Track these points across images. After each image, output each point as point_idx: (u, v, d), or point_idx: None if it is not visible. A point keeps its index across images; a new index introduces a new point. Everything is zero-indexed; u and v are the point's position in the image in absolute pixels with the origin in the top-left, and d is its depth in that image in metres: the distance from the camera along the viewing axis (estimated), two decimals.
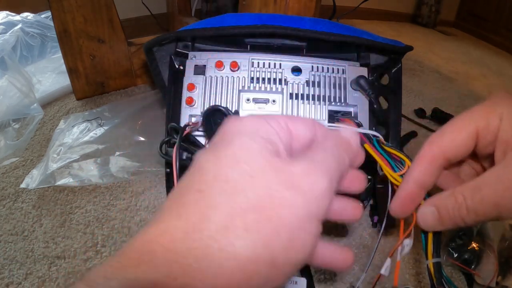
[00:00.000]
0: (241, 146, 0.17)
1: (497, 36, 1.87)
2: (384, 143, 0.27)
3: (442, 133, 0.21)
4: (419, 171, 0.22)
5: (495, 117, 0.20)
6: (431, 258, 0.23)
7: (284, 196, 0.16)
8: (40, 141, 0.63)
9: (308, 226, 0.16)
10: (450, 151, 0.21)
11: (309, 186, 0.17)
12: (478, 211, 0.19)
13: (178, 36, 0.42)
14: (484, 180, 0.19)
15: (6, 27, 0.77)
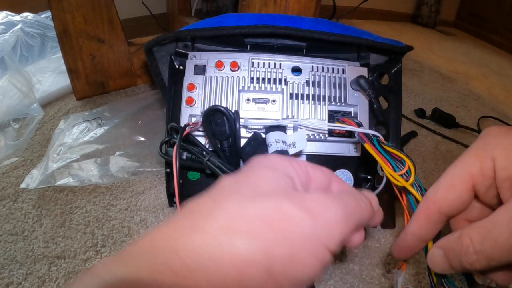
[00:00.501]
0: (261, 174, 0.19)
1: (497, 36, 1.87)
2: (384, 143, 0.27)
3: (436, 188, 0.21)
4: (416, 226, 0.22)
5: (487, 160, 0.19)
6: None
7: (293, 214, 0.17)
8: (40, 141, 0.63)
9: (314, 249, 0.16)
10: (445, 206, 0.21)
11: (321, 212, 0.17)
12: (491, 257, 0.18)
13: (178, 36, 0.42)
14: (495, 220, 0.18)
15: (6, 27, 0.77)
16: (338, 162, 0.42)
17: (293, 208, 0.17)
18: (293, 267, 0.16)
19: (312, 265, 0.16)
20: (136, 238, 0.45)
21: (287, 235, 0.16)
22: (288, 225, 0.16)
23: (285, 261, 0.16)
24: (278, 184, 0.18)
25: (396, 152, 0.25)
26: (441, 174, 0.21)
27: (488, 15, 1.96)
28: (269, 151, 0.34)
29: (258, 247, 0.15)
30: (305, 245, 0.16)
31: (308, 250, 0.16)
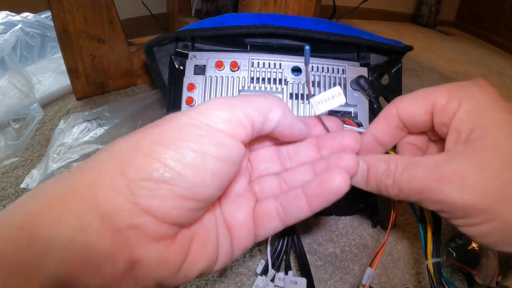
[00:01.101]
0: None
1: (497, 36, 1.87)
2: None
3: (404, 97, 0.21)
4: (376, 125, 0.22)
5: (454, 101, 0.18)
6: (431, 258, 0.23)
7: (171, 116, 0.17)
8: (40, 141, 0.63)
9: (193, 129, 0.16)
10: (404, 114, 0.21)
11: (199, 106, 0.17)
12: (402, 189, 0.19)
13: (178, 36, 0.42)
14: (422, 161, 0.18)
15: (6, 27, 0.77)
16: None
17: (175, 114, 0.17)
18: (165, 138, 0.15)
19: (191, 139, 0.15)
20: None
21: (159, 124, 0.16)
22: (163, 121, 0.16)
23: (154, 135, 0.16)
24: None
25: (392, 152, 0.25)
26: None
27: (488, 15, 1.96)
28: None
29: (131, 137, 0.16)
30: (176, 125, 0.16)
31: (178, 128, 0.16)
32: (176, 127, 0.16)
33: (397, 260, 0.46)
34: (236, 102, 0.17)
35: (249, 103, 0.17)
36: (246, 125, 0.17)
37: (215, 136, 0.16)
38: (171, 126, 0.16)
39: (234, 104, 0.17)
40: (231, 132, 0.16)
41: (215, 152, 0.16)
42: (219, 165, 0.16)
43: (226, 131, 0.16)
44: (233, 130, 0.16)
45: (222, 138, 0.16)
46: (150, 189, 0.15)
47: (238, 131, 0.16)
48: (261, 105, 0.18)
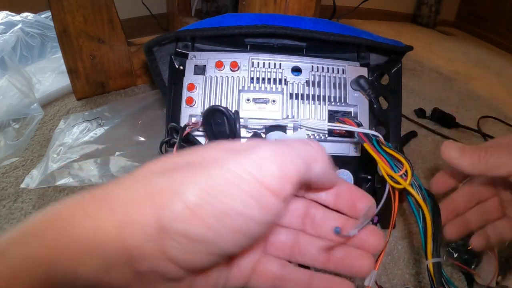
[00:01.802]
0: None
1: (497, 36, 1.87)
2: (384, 143, 0.27)
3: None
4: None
5: None
6: (431, 258, 0.23)
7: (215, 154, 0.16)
8: (40, 141, 0.63)
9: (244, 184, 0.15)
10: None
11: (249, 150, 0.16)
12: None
13: (178, 36, 0.42)
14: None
15: (6, 27, 0.77)
16: (338, 162, 0.42)
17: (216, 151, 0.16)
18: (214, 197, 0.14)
19: (239, 197, 0.14)
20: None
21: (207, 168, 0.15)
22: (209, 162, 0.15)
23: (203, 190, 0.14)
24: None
25: (394, 153, 0.25)
26: None
27: (488, 15, 1.96)
28: None
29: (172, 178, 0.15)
30: (228, 176, 0.14)
31: (231, 180, 0.14)
32: (225, 176, 0.14)
33: (397, 260, 0.46)
34: (286, 151, 0.16)
35: (296, 152, 0.16)
36: (294, 181, 0.15)
37: (264, 198, 0.15)
38: (221, 175, 0.14)
39: (284, 153, 0.16)
40: (280, 191, 0.15)
41: (259, 218, 0.15)
42: (258, 228, 0.15)
43: (275, 190, 0.15)
44: (281, 189, 0.15)
45: (269, 200, 0.15)
46: (184, 244, 0.14)
47: (286, 189, 0.15)
48: (307, 155, 0.17)
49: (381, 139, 0.27)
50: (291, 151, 0.16)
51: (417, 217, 0.24)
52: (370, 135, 0.28)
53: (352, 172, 0.43)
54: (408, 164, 0.24)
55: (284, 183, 0.15)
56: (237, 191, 0.14)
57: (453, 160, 0.25)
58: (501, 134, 0.82)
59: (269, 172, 0.15)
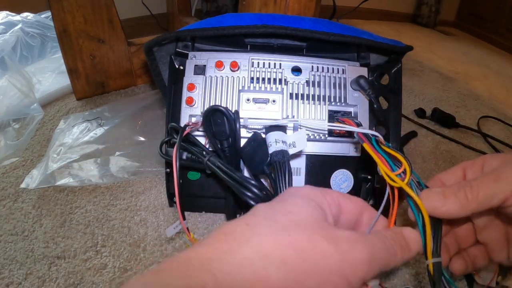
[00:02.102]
0: (294, 203, 0.20)
1: (497, 36, 1.87)
2: (383, 143, 0.27)
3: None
4: None
5: None
6: (431, 258, 0.23)
7: (324, 247, 0.17)
8: (40, 141, 0.63)
9: (338, 283, 0.17)
10: None
11: (349, 249, 0.18)
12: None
13: (178, 36, 0.42)
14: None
15: (6, 27, 0.77)
16: (338, 162, 0.42)
17: (325, 242, 0.18)
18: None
19: None
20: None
21: (317, 267, 0.17)
22: (318, 258, 0.17)
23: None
24: (311, 215, 0.19)
25: (393, 152, 0.25)
26: None
27: (488, 15, 1.96)
28: (269, 151, 0.34)
29: (290, 276, 0.16)
30: (331, 278, 0.17)
31: (333, 283, 0.17)
32: (331, 281, 0.17)
33: None
34: (376, 262, 0.19)
35: (380, 261, 0.19)
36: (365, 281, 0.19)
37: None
38: (328, 280, 0.17)
39: (373, 266, 0.18)
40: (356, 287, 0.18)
41: None
42: None
43: (354, 287, 0.18)
44: (356, 286, 0.18)
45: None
46: None
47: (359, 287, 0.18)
48: (386, 265, 0.20)
49: (380, 139, 0.27)
50: (378, 262, 0.19)
51: (416, 216, 0.24)
52: (369, 135, 0.28)
53: (352, 172, 0.43)
54: (407, 163, 0.24)
55: (361, 284, 0.18)
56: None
57: (438, 210, 0.22)
58: (501, 134, 0.82)
59: (358, 279, 0.18)
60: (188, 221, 0.48)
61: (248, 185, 0.30)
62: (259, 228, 0.18)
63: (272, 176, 0.33)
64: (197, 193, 0.45)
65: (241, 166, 0.39)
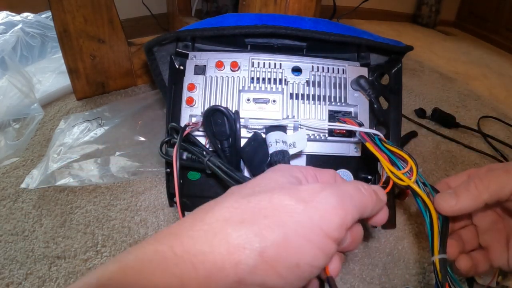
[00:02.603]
0: (265, 175, 0.21)
1: (498, 36, 1.87)
2: (386, 141, 0.27)
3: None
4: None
5: None
6: (437, 254, 0.23)
7: (286, 203, 0.17)
8: (41, 141, 0.63)
9: (309, 234, 0.17)
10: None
11: (314, 199, 0.18)
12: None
13: (178, 36, 0.42)
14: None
15: (6, 27, 0.77)
16: (338, 162, 0.42)
17: (286, 198, 0.18)
18: (288, 251, 0.16)
19: (309, 250, 0.17)
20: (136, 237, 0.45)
21: (279, 221, 0.17)
22: (280, 213, 0.17)
23: (279, 245, 0.16)
24: (278, 182, 0.20)
25: (397, 150, 0.25)
26: (441, 174, 0.23)
27: (488, 15, 1.96)
28: (269, 151, 0.34)
29: (250, 233, 0.16)
30: (299, 230, 0.17)
31: (302, 235, 0.17)
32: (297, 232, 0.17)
33: (397, 260, 0.46)
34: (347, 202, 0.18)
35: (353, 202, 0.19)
36: (348, 227, 0.18)
37: (328, 247, 0.17)
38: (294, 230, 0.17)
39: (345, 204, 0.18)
40: (339, 238, 0.18)
41: (323, 264, 0.17)
42: (317, 272, 0.18)
43: (336, 238, 0.18)
44: (340, 236, 0.18)
45: (331, 247, 0.17)
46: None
47: (342, 235, 0.18)
48: (361, 204, 0.20)
49: (382, 137, 0.27)
50: (350, 202, 0.19)
51: (424, 214, 0.24)
52: (371, 134, 0.28)
53: (352, 172, 0.43)
54: (413, 161, 0.24)
55: (343, 231, 0.18)
56: (308, 245, 0.17)
57: (454, 208, 0.23)
58: (501, 134, 0.82)
59: (333, 224, 0.17)
60: None
61: None
62: (222, 200, 0.19)
63: None
64: (197, 193, 0.45)
65: (242, 166, 0.39)
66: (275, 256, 0.16)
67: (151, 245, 0.17)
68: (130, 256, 0.16)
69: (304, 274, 0.17)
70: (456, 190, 0.24)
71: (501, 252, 0.27)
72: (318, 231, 0.17)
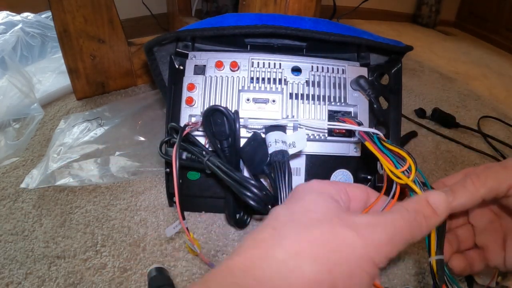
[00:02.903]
0: (310, 200, 0.21)
1: (498, 36, 1.87)
2: (385, 140, 0.27)
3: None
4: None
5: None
6: (434, 255, 0.23)
7: (346, 236, 0.19)
8: (40, 141, 0.63)
9: (366, 266, 0.18)
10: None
11: (369, 233, 0.19)
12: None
13: (178, 36, 0.42)
14: None
15: (7, 27, 0.77)
16: (338, 162, 0.42)
17: (346, 231, 0.19)
18: (351, 282, 0.18)
19: (365, 279, 0.18)
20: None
21: (344, 255, 0.18)
22: (344, 247, 0.18)
23: (345, 278, 0.18)
24: (327, 208, 0.21)
25: (397, 149, 0.25)
26: (441, 174, 0.23)
27: (488, 15, 1.96)
28: (269, 151, 0.34)
29: (322, 268, 0.17)
30: (359, 263, 0.18)
31: (361, 267, 0.18)
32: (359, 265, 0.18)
33: (397, 260, 0.46)
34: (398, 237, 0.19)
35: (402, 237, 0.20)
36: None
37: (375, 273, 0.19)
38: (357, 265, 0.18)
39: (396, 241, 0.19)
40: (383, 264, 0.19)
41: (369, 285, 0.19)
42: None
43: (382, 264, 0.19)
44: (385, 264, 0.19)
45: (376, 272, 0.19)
46: None
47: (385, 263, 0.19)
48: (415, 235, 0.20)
49: (381, 136, 0.27)
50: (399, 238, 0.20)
51: None
52: (371, 133, 0.28)
53: (352, 172, 0.43)
54: (411, 160, 0.24)
55: (387, 261, 0.19)
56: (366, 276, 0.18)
57: (451, 205, 0.23)
58: (501, 134, 0.82)
59: (383, 257, 0.19)
60: (188, 221, 0.48)
61: (248, 185, 0.30)
62: (284, 230, 0.19)
63: (272, 176, 0.33)
64: (196, 193, 0.45)
65: (241, 166, 0.39)
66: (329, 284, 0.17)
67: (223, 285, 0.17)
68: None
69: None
70: (453, 187, 0.24)
71: (497, 252, 0.27)
72: (372, 263, 0.18)
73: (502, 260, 0.26)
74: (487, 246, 0.28)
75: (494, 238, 0.28)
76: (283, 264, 0.17)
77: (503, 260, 0.26)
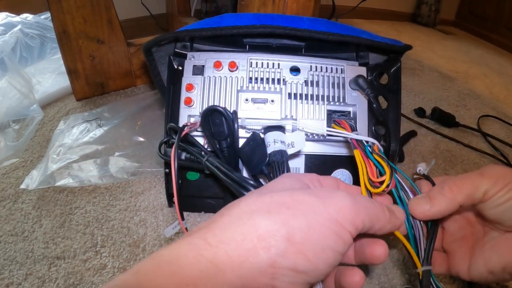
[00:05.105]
0: (278, 180, 0.23)
1: (498, 35, 1.87)
2: (376, 151, 0.27)
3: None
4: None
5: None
6: (421, 267, 0.23)
7: (305, 198, 0.19)
8: (40, 142, 0.63)
9: (328, 223, 0.19)
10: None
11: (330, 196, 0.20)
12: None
13: (176, 36, 0.42)
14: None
15: (6, 28, 0.77)
16: (337, 162, 0.42)
17: (305, 195, 0.20)
18: (312, 236, 0.18)
19: (330, 235, 0.19)
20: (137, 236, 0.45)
21: (301, 212, 0.19)
22: (301, 206, 0.19)
23: (303, 231, 0.18)
24: (293, 185, 0.22)
25: (383, 162, 0.26)
26: (441, 173, 0.23)
27: (488, 14, 1.96)
28: (268, 151, 0.34)
29: (276, 220, 0.18)
30: (319, 219, 0.19)
31: (322, 223, 0.19)
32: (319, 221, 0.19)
33: (396, 260, 0.46)
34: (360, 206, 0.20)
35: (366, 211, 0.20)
36: (359, 229, 0.20)
37: (345, 235, 0.19)
38: (316, 220, 0.19)
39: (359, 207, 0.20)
40: (352, 232, 0.20)
41: (343, 250, 0.19)
42: (339, 258, 0.19)
43: (350, 230, 0.19)
44: (352, 231, 0.20)
45: (347, 237, 0.19)
46: (290, 276, 0.18)
47: (354, 232, 0.20)
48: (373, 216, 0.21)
49: (375, 147, 0.28)
50: (362, 207, 0.20)
51: (407, 224, 0.24)
52: (364, 142, 0.28)
53: (351, 172, 0.43)
54: (389, 172, 0.25)
55: (354, 228, 0.20)
56: (328, 231, 0.19)
57: (428, 213, 0.23)
58: (501, 133, 0.82)
59: (347, 219, 0.19)
60: (187, 221, 0.48)
61: (247, 185, 0.30)
62: (245, 198, 0.20)
63: (271, 176, 0.33)
64: (196, 193, 0.45)
65: (240, 166, 0.39)
66: (302, 240, 0.18)
67: (185, 239, 0.18)
68: (165, 252, 0.18)
69: (329, 259, 0.19)
70: (430, 194, 0.24)
71: (462, 259, 0.27)
72: (335, 221, 0.19)
73: (465, 268, 0.26)
74: (454, 252, 0.28)
75: (462, 245, 0.27)
76: (238, 218, 0.19)
77: (467, 268, 0.26)
